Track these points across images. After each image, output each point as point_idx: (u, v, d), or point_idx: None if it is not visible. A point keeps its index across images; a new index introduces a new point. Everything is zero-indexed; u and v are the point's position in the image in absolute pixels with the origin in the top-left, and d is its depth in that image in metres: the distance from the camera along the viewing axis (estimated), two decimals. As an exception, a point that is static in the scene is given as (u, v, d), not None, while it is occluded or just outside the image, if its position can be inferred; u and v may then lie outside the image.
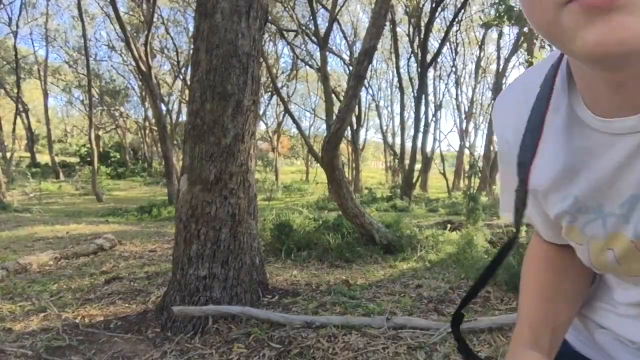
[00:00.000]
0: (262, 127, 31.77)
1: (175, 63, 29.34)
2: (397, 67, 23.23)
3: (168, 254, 6.38)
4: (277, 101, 29.00)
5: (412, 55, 23.73)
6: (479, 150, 30.69)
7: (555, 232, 0.71)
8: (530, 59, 18.09)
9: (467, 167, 28.43)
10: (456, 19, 21.68)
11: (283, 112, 28.94)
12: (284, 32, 19.84)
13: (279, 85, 26.01)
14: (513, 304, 4.29)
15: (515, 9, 11.17)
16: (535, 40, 17.22)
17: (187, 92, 23.69)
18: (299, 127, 16.31)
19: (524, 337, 0.75)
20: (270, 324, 3.56)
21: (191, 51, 4.55)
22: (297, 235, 6.59)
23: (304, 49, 22.64)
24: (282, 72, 29.65)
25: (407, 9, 22.95)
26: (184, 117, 29.41)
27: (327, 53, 17.01)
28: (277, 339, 3.32)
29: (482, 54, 28.24)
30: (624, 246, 0.57)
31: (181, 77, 29.53)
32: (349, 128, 22.11)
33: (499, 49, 24.68)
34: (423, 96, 19.55)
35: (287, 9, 19.96)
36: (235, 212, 4.06)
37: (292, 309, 4.03)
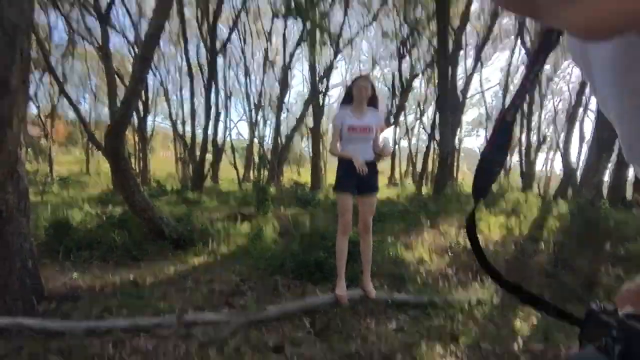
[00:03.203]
0: (33, 110, 28.19)
1: None
2: (186, 52, 22.70)
3: None
4: (51, 80, 26.00)
5: (201, 40, 23.42)
6: (268, 141, 31.75)
7: None
8: (312, 54, 19.35)
9: (256, 158, 29.23)
10: (244, 8, 22.06)
11: (58, 94, 26.10)
12: (58, 2, 17.74)
13: (53, 62, 23.30)
14: (299, 290, 4.59)
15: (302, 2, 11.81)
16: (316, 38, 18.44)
17: None
18: (77, 112, 14.83)
19: None
20: (47, 335, 3.23)
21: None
22: (77, 233, 6.06)
23: (82, 22, 20.59)
24: (56, 47, 26.58)
25: (195, -9, 22.52)
26: None
27: (110, 30, 15.78)
28: (56, 350, 3.03)
29: (269, 46, 29.20)
30: None
31: None
32: (134, 114, 20.93)
33: (284, 41, 25.74)
34: (213, 83, 19.48)
35: (61, -24, 17.92)
36: (2, 209, 3.59)
37: (72, 316, 3.72)
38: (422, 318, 3.90)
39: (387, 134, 4.05)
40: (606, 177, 13.43)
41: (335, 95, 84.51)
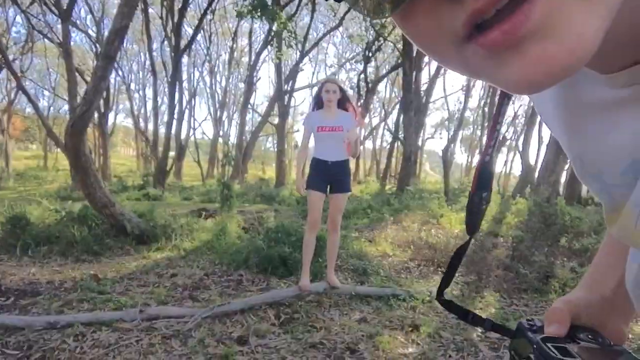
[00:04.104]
0: (-12, 105, 27.20)
1: None
2: (150, 50, 22.37)
3: None
4: (8, 76, 25.17)
5: (165, 39, 23.10)
6: (233, 139, 31.57)
7: None
8: (279, 55, 19.33)
9: (220, 155, 29.00)
10: (210, 8, 21.83)
11: (15, 89, 25.29)
12: (17, -2, 17.27)
13: (11, 57, 22.58)
14: (263, 284, 4.60)
15: (268, 5, 11.81)
16: (284, 39, 18.41)
17: None
18: (35, 107, 14.51)
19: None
20: (5, 329, 3.15)
21: None
22: (35, 228, 5.89)
23: (42, 19, 20.05)
24: (15, 43, 25.77)
25: (160, -9, 22.20)
26: None
27: (71, 27, 15.44)
28: (14, 344, 2.97)
29: (235, 46, 29.04)
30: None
31: None
32: (95, 111, 20.45)
33: (250, 42, 25.66)
34: (177, 82, 19.24)
35: (20, -28, 17.42)
36: (-45, 204, 3.48)
37: (31, 311, 3.63)
38: (385, 309, 3.98)
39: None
40: (563, 177, 13.91)
41: (300, 97, 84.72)
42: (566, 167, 13.49)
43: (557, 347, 0.46)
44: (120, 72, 29.97)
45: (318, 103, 4.24)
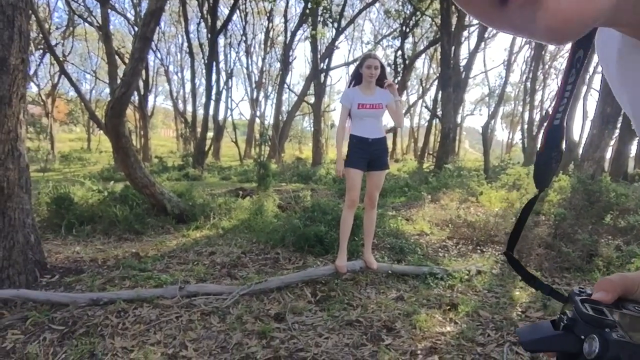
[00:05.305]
0: (33, 89, 28.02)
1: None
2: (187, 32, 22.54)
3: None
4: (51, 60, 25.88)
5: (201, 20, 23.23)
6: (269, 120, 31.69)
7: None
8: (314, 34, 19.17)
9: (257, 135, 29.18)
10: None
11: (58, 73, 25.98)
12: (57, -17, 17.66)
13: (53, 42, 23.17)
14: (300, 263, 4.62)
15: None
16: (319, 17, 18.22)
17: None
18: (77, 90, 14.86)
19: None
20: (51, 306, 3.27)
21: None
22: (79, 208, 6.08)
23: (82, 3, 20.45)
24: (57, 28, 26.41)
25: (195, -28, 22.27)
26: None
27: (109, 11, 15.71)
28: (60, 320, 3.08)
29: (270, 25, 28.95)
30: None
31: None
32: (135, 93, 20.89)
33: (286, 21, 25.52)
34: (214, 63, 19.34)
35: (59, -43, 17.74)
36: (3, 185, 3.60)
37: (75, 288, 3.76)
38: (422, 287, 3.94)
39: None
40: (608, 154, 13.39)
41: (336, 76, 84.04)
42: (612, 142, 12.98)
43: (595, 308, 0.47)
44: (158, 55, 30.38)
45: (357, 78, 4.15)
